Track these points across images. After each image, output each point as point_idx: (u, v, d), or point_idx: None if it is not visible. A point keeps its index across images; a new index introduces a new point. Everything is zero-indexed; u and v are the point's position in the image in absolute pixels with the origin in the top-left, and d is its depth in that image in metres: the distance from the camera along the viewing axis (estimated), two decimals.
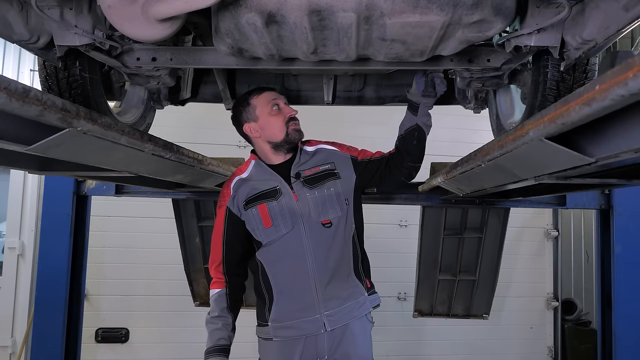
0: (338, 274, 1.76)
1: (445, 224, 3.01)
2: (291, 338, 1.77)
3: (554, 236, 5.01)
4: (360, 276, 1.82)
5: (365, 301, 1.82)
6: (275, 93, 1.85)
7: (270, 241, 1.77)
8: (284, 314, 1.78)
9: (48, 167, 1.53)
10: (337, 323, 1.75)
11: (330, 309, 1.75)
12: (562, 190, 2.31)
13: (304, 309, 1.75)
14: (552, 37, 1.40)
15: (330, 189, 1.79)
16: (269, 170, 1.82)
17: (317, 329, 1.75)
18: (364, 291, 1.82)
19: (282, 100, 1.83)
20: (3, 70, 4.40)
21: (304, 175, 1.80)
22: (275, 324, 1.79)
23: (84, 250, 3.05)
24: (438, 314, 3.34)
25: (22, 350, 4.15)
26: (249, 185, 1.81)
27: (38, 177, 4.23)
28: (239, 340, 4.71)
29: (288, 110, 1.81)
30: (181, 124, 4.17)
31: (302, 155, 1.85)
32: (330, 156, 1.87)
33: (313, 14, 1.20)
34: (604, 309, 3.14)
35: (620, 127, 0.85)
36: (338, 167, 1.84)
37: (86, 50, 1.51)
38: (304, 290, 1.75)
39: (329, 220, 1.76)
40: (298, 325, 1.76)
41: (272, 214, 1.76)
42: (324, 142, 1.94)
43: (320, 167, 1.82)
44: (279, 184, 1.79)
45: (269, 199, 1.77)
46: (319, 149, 1.89)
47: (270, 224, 1.76)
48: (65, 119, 0.94)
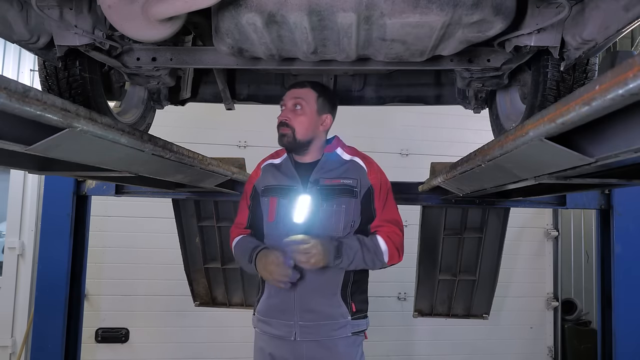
0: (322, 291, 1.75)
1: (445, 224, 3.01)
2: (266, 333, 1.81)
3: (554, 236, 5.01)
4: (346, 299, 1.77)
5: (346, 324, 1.76)
6: (292, 91, 1.82)
7: (268, 234, 1.81)
8: (266, 309, 1.82)
9: (48, 167, 1.53)
10: (308, 336, 1.74)
11: (306, 321, 1.74)
12: (562, 190, 2.31)
13: (282, 311, 1.77)
14: (552, 37, 1.40)
15: (342, 205, 1.74)
16: (293, 168, 1.83)
17: (288, 334, 1.75)
18: (348, 315, 1.76)
19: (288, 101, 1.80)
20: (3, 70, 4.40)
21: (322, 184, 1.77)
22: (259, 315, 1.84)
23: (84, 250, 3.05)
24: (438, 314, 3.33)
25: (22, 350, 4.14)
26: (274, 173, 1.85)
27: (38, 177, 4.23)
28: (239, 340, 4.71)
29: (280, 115, 1.80)
30: (181, 124, 4.17)
31: (330, 162, 1.81)
32: (357, 173, 1.80)
33: (313, 14, 1.21)
34: (604, 309, 3.13)
35: (620, 127, 0.85)
36: (360, 186, 1.77)
37: (86, 50, 1.51)
38: (285, 295, 1.75)
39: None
40: (273, 324, 1.79)
41: (278, 211, 1.78)
42: (361, 155, 1.87)
43: (341, 179, 1.77)
44: (296, 186, 1.79)
45: (282, 196, 1.79)
46: (352, 161, 1.83)
47: (273, 219, 1.79)
48: (65, 119, 0.94)
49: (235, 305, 3.37)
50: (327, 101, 1.84)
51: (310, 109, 1.78)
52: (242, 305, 3.36)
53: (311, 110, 1.79)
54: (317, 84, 1.86)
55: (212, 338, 4.51)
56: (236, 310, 3.49)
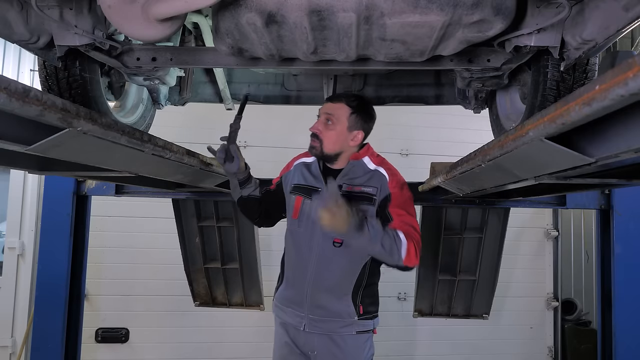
0: (333, 290, 1.83)
1: (445, 224, 3.01)
2: (282, 320, 1.95)
3: (554, 236, 5.01)
4: (356, 300, 1.85)
5: (352, 323, 1.84)
6: (328, 104, 1.86)
7: (291, 230, 1.93)
8: (282, 297, 1.95)
9: (48, 167, 1.53)
10: (316, 329, 1.85)
11: (315, 315, 1.85)
12: (562, 190, 2.31)
13: (296, 302, 1.89)
14: (552, 37, 1.40)
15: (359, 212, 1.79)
16: (320, 172, 1.91)
17: (299, 324, 1.87)
18: (355, 315, 1.84)
19: (322, 114, 1.84)
20: (3, 70, 4.40)
21: (344, 190, 1.82)
22: (277, 302, 1.99)
23: (84, 250, 3.05)
24: (438, 314, 3.33)
25: (22, 350, 4.14)
26: (303, 172, 1.94)
27: (38, 177, 4.23)
28: (239, 340, 4.69)
29: (314, 125, 1.85)
30: (181, 124, 4.17)
31: (356, 169, 1.86)
32: (379, 182, 1.83)
33: (313, 14, 1.21)
34: (604, 309, 3.14)
35: (620, 127, 0.85)
36: (379, 195, 1.81)
37: (86, 50, 1.51)
38: (299, 288, 1.88)
39: (340, 240, 1.78)
40: (288, 313, 1.92)
41: (302, 210, 1.88)
42: (387, 165, 1.89)
43: (363, 187, 1.81)
44: (321, 188, 1.87)
45: (307, 196, 1.88)
46: (376, 171, 1.85)
47: (296, 217, 1.89)
48: (65, 119, 0.94)
49: (235, 305, 3.37)
50: (360, 117, 1.84)
51: (340, 126, 1.81)
52: (242, 305, 3.37)
53: (342, 126, 1.81)
54: (353, 99, 1.85)
55: (212, 338, 4.51)
56: (236, 310, 3.50)
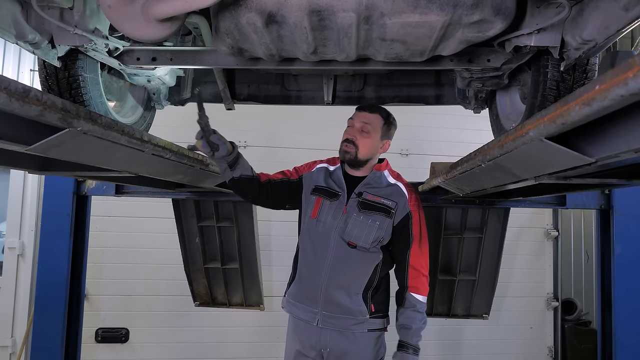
0: (346, 288, 1.92)
1: (445, 224, 3.01)
2: (293, 316, 2.03)
3: (554, 236, 5.01)
4: (367, 300, 1.94)
5: (364, 321, 1.94)
6: (363, 114, 1.95)
7: (308, 229, 1.98)
8: (296, 293, 2.01)
9: (48, 167, 1.53)
10: (329, 325, 1.93)
11: (327, 312, 1.93)
12: (562, 190, 2.31)
13: (309, 298, 1.96)
14: (552, 37, 1.40)
15: (376, 222, 1.91)
16: (342, 179, 2.00)
17: (312, 320, 1.95)
18: (366, 313, 1.94)
19: (357, 122, 1.94)
20: (3, 70, 4.40)
21: (364, 197, 1.94)
22: (289, 298, 2.05)
23: (84, 250, 3.05)
24: (438, 314, 3.33)
25: (22, 350, 4.15)
26: (326, 177, 2.03)
27: (38, 177, 4.23)
28: (239, 340, 4.69)
29: (347, 132, 1.96)
30: (181, 124, 4.16)
31: (377, 179, 1.98)
32: (398, 197, 1.95)
33: (313, 14, 1.21)
34: (604, 309, 3.13)
35: (620, 127, 0.85)
36: (397, 210, 1.93)
37: (86, 50, 1.51)
38: (314, 285, 1.95)
39: (355, 243, 1.91)
40: (300, 309, 1.99)
41: (321, 210, 1.96)
42: (404, 181, 2.03)
43: (383, 199, 1.94)
44: (342, 193, 1.97)
45: (327, 198, 1.97)
46: (396, 185, 1.99)
47: (315, 216, 1.97)
48: (65, 119, 0.94)
49: (235, 305, 3.37)
50: (388, 128, 1.98)
51: (375, 134, 1.95)
52: (242, 305, 3.37)
53: (376, 135, 1.95)
54: (384, 111, 1.99)
55: (212, 338, 4.51)
56: (236, 310, 3.50)
